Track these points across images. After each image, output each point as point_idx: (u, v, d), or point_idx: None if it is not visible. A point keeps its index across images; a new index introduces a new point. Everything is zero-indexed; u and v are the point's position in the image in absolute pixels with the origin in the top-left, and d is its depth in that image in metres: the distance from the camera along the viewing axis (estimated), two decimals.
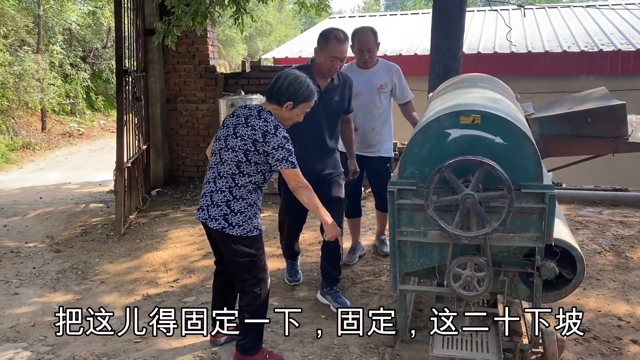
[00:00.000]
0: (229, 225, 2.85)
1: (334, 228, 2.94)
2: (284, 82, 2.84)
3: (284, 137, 2.78)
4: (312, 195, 2.87)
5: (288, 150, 2.79)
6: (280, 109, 2.86)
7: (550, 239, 2.64)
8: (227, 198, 2.85)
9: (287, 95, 2.83)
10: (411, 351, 3.12)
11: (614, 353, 3.07)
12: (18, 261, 5.00)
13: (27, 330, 3.63)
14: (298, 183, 2.83)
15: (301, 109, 2.91)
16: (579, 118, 3.68)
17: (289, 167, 2.79)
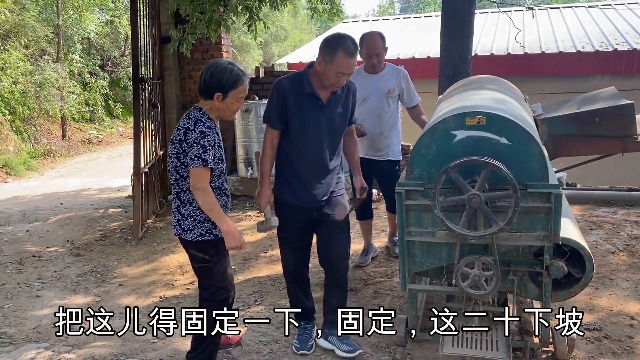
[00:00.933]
0: (182, 231, 2.80)
1: (234, 237, 2.72)
2: (206, 75, 2.72)
3: (201, 132, 2.64)
4: (209, 199, 2.66)
5: (202, 147, 2.63)
6: (213, 102, 2.73)
7: (557, 238, 2.67)
8: (177, 204, 2.82)
9: (213, 87, 2.70)
10: (422, 350, 3.15)
11: (625, 352, 3.07)
12: (40, 265, 5.14)
13: (49, 331, 3.74)
14: (196, 183, 2.64)
15: (234, 97, 2.74)
16: (587, 118, 3.69)
17: (199, 165, 2.62)
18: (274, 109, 3.08)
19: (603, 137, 3.77)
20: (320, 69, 3.05)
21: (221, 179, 2.86)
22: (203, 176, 2.64)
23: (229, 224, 2.70)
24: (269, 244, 5.24)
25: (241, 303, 3.99)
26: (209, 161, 2.64)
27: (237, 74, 2.72)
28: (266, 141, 3.15)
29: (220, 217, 2.68)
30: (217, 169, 2.75)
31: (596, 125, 3.69)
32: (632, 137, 3.76)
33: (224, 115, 2.80)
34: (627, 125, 3.70)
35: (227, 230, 2.70)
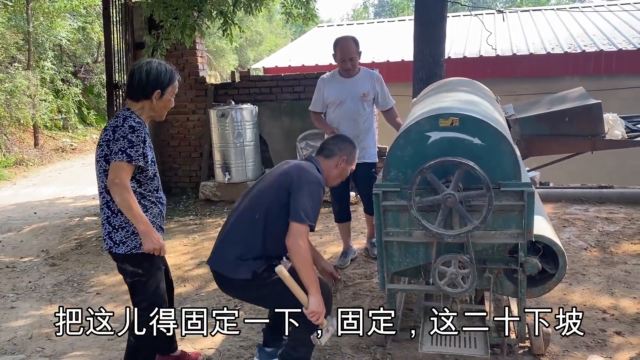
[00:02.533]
0: (114, 244, 2.66)
1: (151, 239, 2.59)
2: (141, 75, 2.62)
3: (130, 127, 2.55)
4: (127, 197, 2.51)
5: (129, 142, 2.52)
6: (150, 102, 2.65)
7: (530, 235, 2.73)
8: (107, 214, 2.66)
9: (152, 85, 2.63)
10: (402, 349, 3.19)
11: (599, 345, 3.15)
12: (14, 276, 5.05)
13: (25, 342, 3.68)
14: (114, 178, 2.50)
15: (171, 93, 2.71)
16: (557, 117, 3.79)
17: (122, 159, 2.50)
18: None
19: (573, 136, 3.87)
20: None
21: (155, 182, 2.72)
22: (124, 172, 2.52)
23: (147, 225, 2.57)
24: None
25: (221, 309, 3.97)
26: (134, 157, 2.53)
27: (172, 70, 2.71)
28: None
29: (139, 217, 2.55)
30: (150, 169, 2.64)
31: (566, 124, 3.79)
32: (600, 136, 3.87)
33: (160, 113, 2.74)
34: (595, 124, 3.81)
35: (145, 231, 2.57)
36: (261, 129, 7.22)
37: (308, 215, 2.58)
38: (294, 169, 2.77)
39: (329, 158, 2.94)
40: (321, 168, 2.88)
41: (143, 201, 2.65)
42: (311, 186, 2.67)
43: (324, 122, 4.48)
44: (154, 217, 2.71)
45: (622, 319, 3.41)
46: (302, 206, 2.59)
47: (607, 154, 6.91)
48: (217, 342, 3.44)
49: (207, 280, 4.58)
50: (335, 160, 2.94)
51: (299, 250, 2.56)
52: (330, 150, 2.96)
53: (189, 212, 6.85)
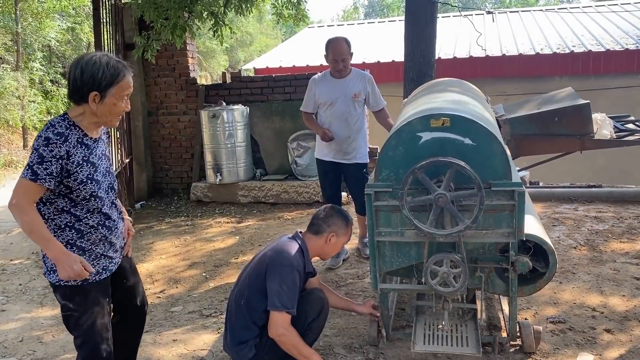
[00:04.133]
0: (46, 270, 2.26)
1: (64, 266, 2.12)
2: (76, 72, 2.13)
3: (45, 139, 2.08)
4: (27, 219, 2.09)
5: (39, 156, 2.07)
6: (89, 106, 2.15)
7: (521, 234, 2.75)
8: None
9: (87, 85, 2.12)
10: (394, 349, 3.20)
11: (589, 342, 3.18)
12: (4, 278, 5.01)
13: (16, 345, 3.65)
14: (12, 198, 2.09)
15: (116, 95, 2.16)
16: (547, 117, 3.83)
17: (26, 177, 2.08)
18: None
19: (562, 136, 3.91)
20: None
21: (95, 202, 2.24)
22: (25, 191, 2.08)
23: (56, 249, 2.11)
24: (239, 250, 5.24)
25: (213, 310, 3.98)
26: (40, 176, 2.06)
27: (116, 66, 2.16)
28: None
29: (44, 240, 2.10)
30: (84, 189, 2.18)
31: (555, 124, 3.83)
32: (589, 135, 3.91)
33: (107, 120, 2.23)
34: (584, 124, 3.85)
35: (54, 257, 2.12)
36: (252, 130, 7.22)
37: (283, 302, 2.61)
38: (270, 253, 2.79)
39: (317, 235, 2.91)
40: (306, 247, 2.85)
41: (78, 225, 2.22)
42: (283, 270, 2.67)
43: (315, 122, 4.49)
44: (92, 244, 2.26)
45: (612, 317, 3.45)
46: (276, 294, 2.63)
47: (596, 154, 6.99)
48: (209, 343, 3.44)
49: (199, 281, 4.57)
50: (324, 236, 2.90)
51: (283, 340, 2.63)
52: (319, 226, 2.91)
53: (180, 213, 6.83)
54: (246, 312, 2.73)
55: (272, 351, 2.71)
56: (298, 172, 6.88)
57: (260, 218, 6.35)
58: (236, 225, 6.12)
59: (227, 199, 6.98)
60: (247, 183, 6.94)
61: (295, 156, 6.86)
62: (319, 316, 2.86)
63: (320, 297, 2.90)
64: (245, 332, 2.74)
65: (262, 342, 2.72)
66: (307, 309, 2.81)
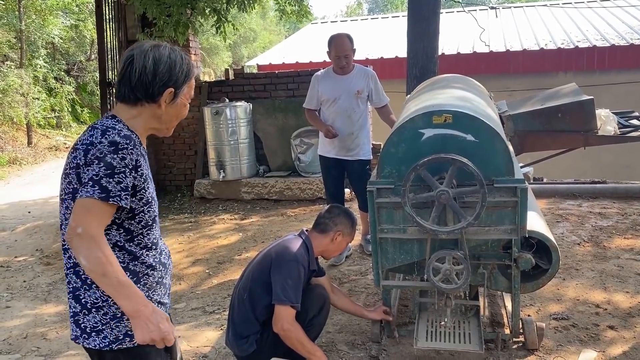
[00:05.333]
0: (83, 333, 1.69)
1: (147, 324, 1.59)
2: (145, 64, 1.68)
3: (112, 144, 1.60)
4: (99, 254, 1.54)
5: (107, 167, 1.58)
6: (157, 107, 1.73)
7: (524, 231, 2.75)
8: (74, 284, 1.69)
9: (162, 81, 1.70)
10: (397, 346, 3.20)
11: (592, 339, 3.17)
12: (8, 275, 5.04)
13: (20, 342, 3.67)
14: (78, 226, 1.54)
15: (186, 95, 1.79)
16: (550, 114, 3.81)
17: (93, 195, 1.55)
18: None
19: (566, 132, 3.89)
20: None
21: (155, 232, 1.78)
22: (93, 216, 1.56)
23: (137, 299, 1.59)
24: (243, 247, 5.25)
25: (216, 307, 4.00)
26: (112, 192, 1.57)
27: (188, 60, 1.80)
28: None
29: (122, 287, 1.57)
30: (149, 212, 1.73)
31: (559, 120, 3.81)
32: (593, 131, 3.89)
33: (169, 126, 1.82)
34: (588, 120, 3.84)
35: (134, 311, 1.58)
36: (255, 127, 7.21)
37: (288, 296, 2.62)
38: (274, 249, 2.81)
39: (323, 233, 2.92)
40: (311, 244, 2.86)
41: (133, 265, 1.71)
42: (288, 265, 2.69)
43: (318, 119, 4.49)
44: (149, 290, 1.75)
45: (615, 314, 3.44)
46: (280, 288, 2.63)
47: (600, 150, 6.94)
48: (212, 340, 3.46)
49: (202, 278, 4.59)
50: (330, 235, 2.91)
51: (287, 334, 2.64)
52: (325, 225, 2.92)
53: (184, 210, 6.85)
54: (249, 306, 2.75)
55: (273, 347, 2.72)
56: (301, 169, 6.88)
57: (264, 215, 6.35)
58: (239, 222, 6.13)
59: (231, 195, 6.99)
60: (250, 180, 6.95)
61: (299, 153, 6.86)
62: (320, 312, 2.88)
63: (321, 294, 2.91)
64: (246, 327, 2.75)
65: (263, 338, 2.74)
66: (309, 306, 2.82)
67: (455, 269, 2.76)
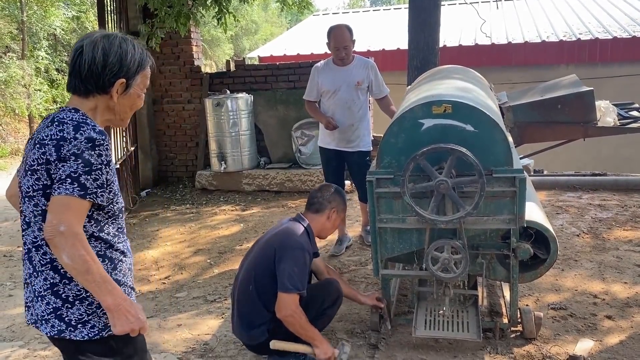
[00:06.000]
0: (68, 326, 1.68)
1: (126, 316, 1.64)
2: (94, 55, 1.66)
3: (88, 140, 1.60)
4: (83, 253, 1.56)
5: (85, 164, 1.59)
6: (109, 98, 1.71)
7: (522, 221, 2.77)
8: (51, 280, 1.68)
9: (112, 72, 1.68)
10: (396, 334, 3.23)
11: (589, 329, 3.20)
12: (11, 264, 5.08)
13: (23, 330, 3.71)
14: (60, 224, 1.54)
15: (140, 85, 1.77)
16: (550, 105, 3.82)
17: (72, 193, 1.56)
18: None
19: (565, 123, 3.90)
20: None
21: (119, 223, 1.78)
22: (73, 213, 1.57)
23: (118, 294, 1.63)
24: (244, 237, 5.28)
25: (217, 295, 4.03)
26: (90, 190, 1.60)
27: (141, 50, 1.78)
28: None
29: (104, 282, 1.60)
30: (114, 205, 1.73)
31: (558, 111, 3.83)
32: (592, 123, 3.90)
33: (124, 117, 1.80)
34: (587, 111, 3.85)
35: (115, 304, 1.61)
36: (256, 118, 7.22)
37: (294, 283, 2.66)
38: (277, 237, 2.84)
39: (318, 212, 2.97)
40: (310, 228, 2.91)
41: (110, 252, 1.73)
42: (294, 252, 2.72)
43: (318, 111, 4.50)
44: (124, 276, 1.78)
45: (613, 304, 3.47)
46: (287, 276, 2.67)
47: (601, 143, 6.96)
48: (213, 328, 3.49)
49: (203, 267, 4.62)
50: (325, 213, 2.97)
51: (291, 321, 2.69)
52: (320, 204, 2.98)
53: (186, 201, 6.88)
54: (256, 297, 2.78)
55: (286, 334, 2.75)
56: (302, 161, 6.89)
57: (265, 206, 6.38)
58: (240, 213, 6.16)
59: (232, 187, 7.01)
60: (251, 171, 6.97)
61: (299, 145, 6.87)
62: (333, 304, 2.94)
63: (338, 289, 2.97)
64: (256, 317, 2.79)
65: (275, 327, 2.77)
66: (325, 296, 2.89)
67: (453, 258, 2.79)
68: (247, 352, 3.13)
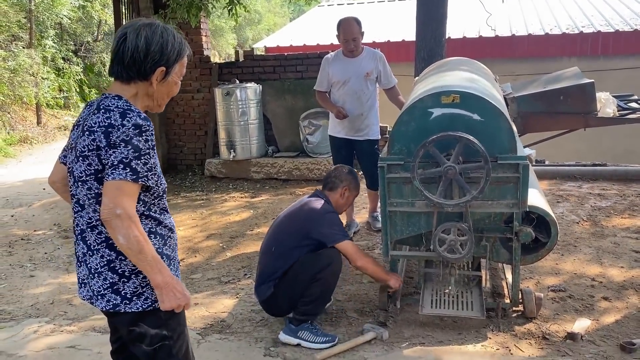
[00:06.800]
0: (124, 300, 1.81)
1: (174, 292, 1.78)
2: (137, 43, 1.76)
3: (135, 126, 1.72)
4: (137, 234, 1.68)
5: (135, 150, 1.70)
6: (149, 85, 1.83)
7: (525, 206, 2.93)
8: (107, 258, 1.81)
9: (153, 59, 1.78)
10: (403, 313, 3.41)
11: (587, 309, 3.38)
12: (29, 247, 5.25)
13: (47, 307, 3.89)
14: (116, 207, 1.66)
15: (178, 73, 1.89)
16: (553, 96, 3.98)
17: (125, 177, 1.68)
18: None
19: (567, 114, 4.06)
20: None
21: (164, 202, 1.91)
22: (127, 196, 1.69)
23: (167, 272, 1.76)
24: (254, 223, 5.45)
25: (231, 277, 4.20)
26: (141, 174, 1.72)
27: (181, 39, 1.88)
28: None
29: (155, 262, 1.72)
30: (159, 186, 1.85)
31: (561, 102, 3.98)
32: (593, 113, 4.06)
33: (161, 103, 1.92)
34: (588, 102, 4.00)
35: (164, 282, 1.75)
36: (265, 108, 7.38)
37: (341, 235, 3.11)
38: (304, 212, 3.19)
39: (333, 190, 3.32)
40: (329, 200, 3.27)
41: (160, 229, 1.87)
42: (326, 217, 3.14)
43: (329, 101, 4.65)
44: (173, 251, 1.93)
45: (610, 286, 3.64)
46: (331, 234, 3.08)
47: (601, 134, 7.10)
48: (229, 306, 3.67)
49: (216, 251, 4.80)
50: (338, 191, 3.31)
51: (365, 265, 3.15)
52: (333, 183, 3.33)
53: (195, 188, 7.05)
54: (276, 256, 3.11)
55: (289, 290, 3.07)
56: (309, 150, 7.05)
57: (273, 193, 6.55)
58: (250, 200, 6.33)
59: (241, 174, 7.18)
60: (259, 160, 7.13)
61: (307, 134, 7.03)
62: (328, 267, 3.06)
63: (330, 255, 3.10)
64: (268, 273, 3.14)
65: (280, 282, 3.09)
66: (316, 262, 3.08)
67: (459, 240, 2.96)
68: (262, 328, 3.32)
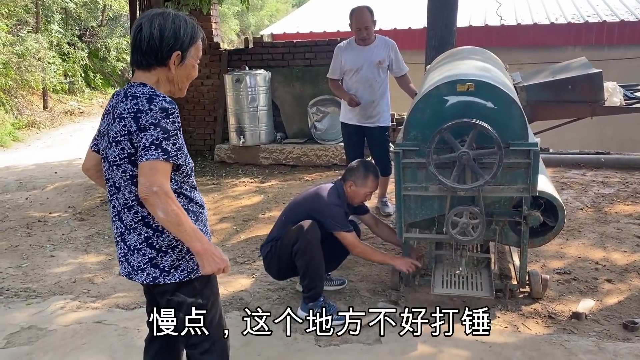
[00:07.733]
0: (162, 273, 1.99)
1: (214, 257, 1.92)
2: (152, 31, 1.89)
3: (162, 110, 1.85)
4: (174, 208, 1.83)
5: (164, 131, 1.84)
6: (168, 70, 1.95)
7: (534, 190, 3.06)
8: (145, 235, 1.97)
9: (169, 45, 1.91)
10: (415, 293, 3.55)
11: (591, 290, 3.52)
12: (47, 229, 5.39)
13: (70, 285, 4.04)
14: (152, 185, 1.80)
15: (194, 57, 1.99)
16: (561, 85, 4.09)
17: (158, 157, 1.82)
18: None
19: (575, 103, 4.18)
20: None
21: (192, 180, 2.06)
22: (161, 175, 1.82)
23: (203, 240, 1.91)
24: (266, 207, 5.58)
25: (246, 258, 4.35)
26: (171, 153, 1.84)
27: (193, 23, 1.99)
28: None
29: (193, 232, 1.88)
30: (187, 165, 1.97)
31: (569, 91, 4.09)
32: (600, 102, 4.18)
33: (182, 87, 2.03)
34: (596, 91, 4.11)
35: (203, 249, 1.90)
36: (274, 95, 7.48)
37: (342, 225, 3.29)
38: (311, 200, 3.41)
39: (344, 182, 3.48)
40: (342, 187, 3.46)
41: (192, 206, 2.02)
42: (330, 208, 3.32)
43: (341, 88, 4.76)
44: (205, 226, 2.09)
45: (613, 269, 3.78)
46: (332, 223, 3.27)
47: (605, 123, 7.22)
48: (246, 285, 3.82)
49: (230, 233, 4.93)
50: (347, 184, 3.45)
51: (362, 253, 3.41)
52: (344, 176, 3.50)
53: (206, 173, 7.17)
54: (283, 222, 3.42)
55: (279, 253, 3.34)
56: (317, 136, 7.16)
57: (282, 179, 6.67)
58: (260, 185, 6.46)
59: (250, 160, 7.30)
60: (268, 146, 7.25)
61: (315, 121, 7.14)
62: (297, 242, 3.22)
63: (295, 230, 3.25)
64: (272, 237, 3.44)
65: (276, 245, 3.37)
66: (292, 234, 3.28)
67: (471, 223, 3.09)
68: (279, 306, 3.46)
